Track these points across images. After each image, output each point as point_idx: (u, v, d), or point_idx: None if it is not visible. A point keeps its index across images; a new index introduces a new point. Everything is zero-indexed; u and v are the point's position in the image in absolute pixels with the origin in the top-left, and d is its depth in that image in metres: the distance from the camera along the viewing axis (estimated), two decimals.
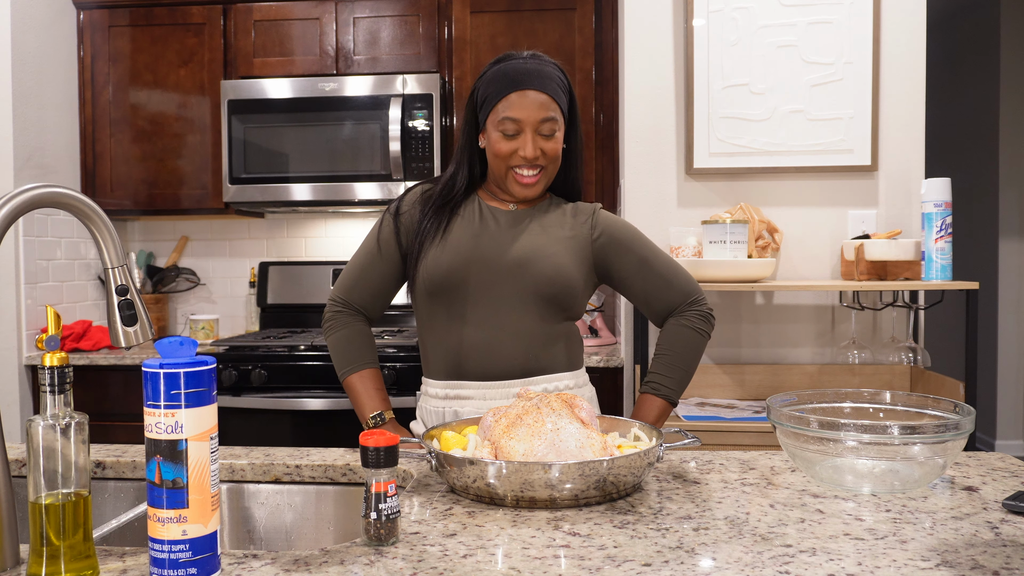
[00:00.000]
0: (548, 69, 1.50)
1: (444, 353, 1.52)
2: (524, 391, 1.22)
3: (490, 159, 1.53)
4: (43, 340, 0.83)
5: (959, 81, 5.14)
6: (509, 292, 1.49)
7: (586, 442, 1.08)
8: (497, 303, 1.49)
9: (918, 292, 2.40)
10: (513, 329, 1.49)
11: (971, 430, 1.08)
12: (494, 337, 1.49)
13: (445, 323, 1.52)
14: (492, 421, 1.15)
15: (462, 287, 1.49)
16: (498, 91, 1.48)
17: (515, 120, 1.46)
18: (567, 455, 1.05)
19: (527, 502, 1.03)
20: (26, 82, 2.86)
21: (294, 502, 1.27)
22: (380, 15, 3.00)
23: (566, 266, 1.51)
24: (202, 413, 0.80)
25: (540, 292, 1.49)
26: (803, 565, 0.84)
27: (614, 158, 2.88)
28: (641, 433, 1.22)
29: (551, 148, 1.50)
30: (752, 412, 2.24)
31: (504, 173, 1.51)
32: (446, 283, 1.49)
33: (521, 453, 1.06)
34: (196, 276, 3.38)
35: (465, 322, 1.50)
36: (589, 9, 2.91)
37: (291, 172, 2.94)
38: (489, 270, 1.49)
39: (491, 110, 1.49)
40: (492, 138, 1.50)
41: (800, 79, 2.44)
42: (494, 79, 1.50)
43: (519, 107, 1.46)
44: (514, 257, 1.50)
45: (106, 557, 0.88)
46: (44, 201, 0.90)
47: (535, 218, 1.55)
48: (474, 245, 1.51)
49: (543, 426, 1.09)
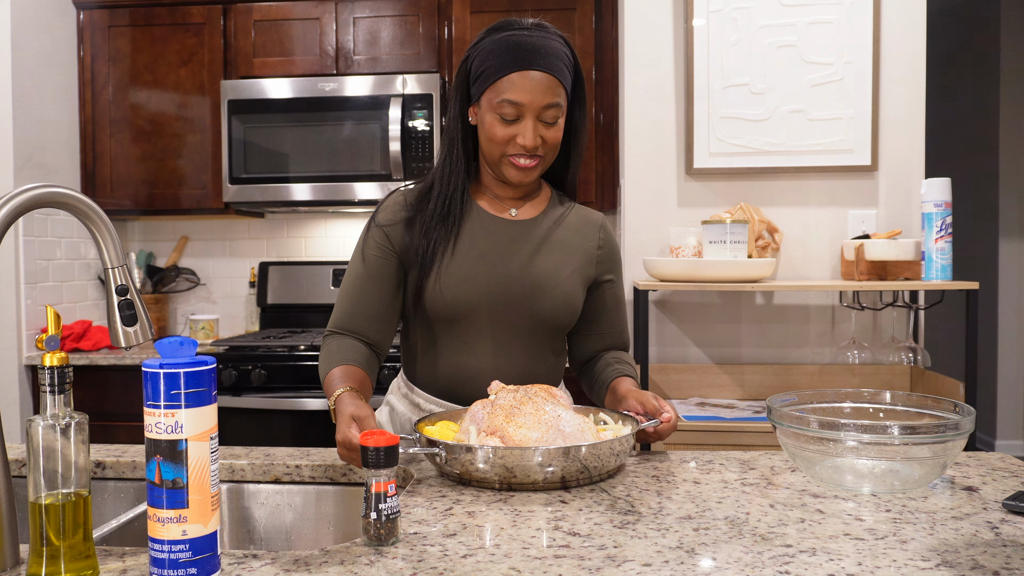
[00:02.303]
0: (555, 44, 1.34)
1: (440, 374, 1.43)
2: (497, 384, 1.25)
3: (483, 141, 1.38)
4: (43, 340, 0.83)
5: (959, 81, 5.14)
6: (517, 322, 1.40)
7: (582, 426, 1.16)
8: (504, 333, 1.40)
9: (918, 292, 2.40)
10: (521, 360, 1.42)
11: (971, 430, 1.08)
12: (499, 368, 1.40)
13: (444, 346, 1.42)
14: (486, 412, 1.18)
15: (469, 315, 1.39)
16: (498, 67, 1.32)
17: (516, 104, 1.31)
18: (571, 438, 1.14)
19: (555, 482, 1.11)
20: (26, 82, 2.86)
21: (294, 502, 1.27)
22: (380, 15, 3.00)
23: (575, 293, 1.44)
24: (202, 413, 0.79)
25: (548, 323, 1.42)
26: (803, 565, 0.84)
27: (614, 158, 2.88)
28: (607, 417, 1.30)
29: (552, 137, 1.35)
30: (752, 412, 2.24)
31: (498, 159, 1.37)
32: (451, 312, 1.38)
33: (534, 439, 1.12)
34: (196, 276, 3.38)
35: (468, 351, 1.40)
36: (589, 9, 2.91)
37: (291, 172, 2.94)
38: (497, 300, 1.39)
39: (488, 87, 1.33)
40: (487, 120, 1.35)
41: (800, 79, 2.44)
42: (495, 51, 1.33)
43: (521, 89, 1.30)
44: (525, 286, 1.39)
45: (106, 557, 0.88)
46: (44, 201, 0.90)
47: (539, 231, 1.44)
48: (482, 271, 1.39)
49: (544, 414, 1.14)
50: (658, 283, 2.20)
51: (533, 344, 1.43)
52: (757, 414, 2.21)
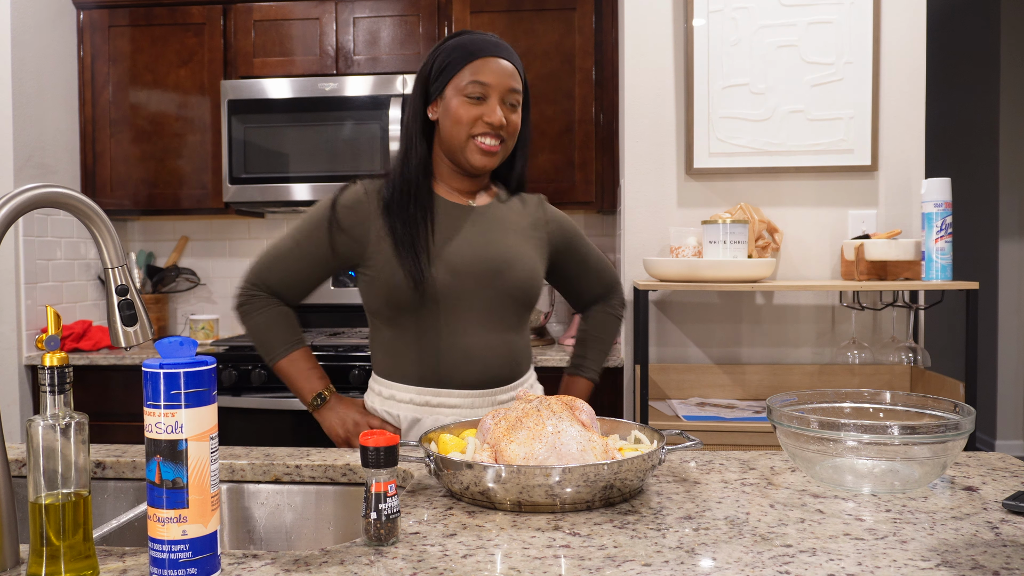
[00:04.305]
0: (511, 48, 1.47)
1: (417, 360, 1.46)
2: (523, 393, 1.20)
3: (447, 129, 1.44)
4: (43, 340, 0.83)
5: (959, 81, 5.14)
6: (488, 299, 1.45)
7: (587, 445, 1.06)
8: (476, 311, 1.45)
9: (918, 292, 2.40)
10: (495, 337, 1.47)
11: (971, 430, 1.08)
12: (474, 346, 1.45)
13: (417, 332, 1.45)
14: (492, 424, 1.13)
15: (461, 296, 1.44)
16: (463, 57, 1.42)
17: (483, 84, 1.40)
18: (568, 458, 1.03)
19: (529, 507, 1.01)
20: (26, 82, 2.86)
21: (294, 502, 1.27)
22: (380, 15, 3.00)
23: (536, 267, 1.52)
24: (202, 413, 0.79)
25: (517, 297, 1.48)
26: (803, 565, 0.84)
27: (614, 158, 2.88)
28: (641, 435, 1.20)
29: (514, 121, 1.45)
30: (752, 412, 2.24)
31: (463, 142, 1.43)
32: (447, 294, 1.43)
33: (522, 456, 1.03)
34: (196, 276, 3.38)
35: (443, 331, 1.44)
36: (589, 9, 2.91)
37: (291, 172, 2.94)
38: (482, 278, 1.45)
39: (453, 75, 1.42)
40: (453, 104, 1.42)
41: (800, 79, 2.44)
42: (458, 47, 1.43)
43: (487, 72, 1.41)
44: (490, 263, 1.45)
45: (106, 557, 0.88)
46: (44, 201, 0.90)
47: (496, 214, 1.51)
48: (466, 252, 1.45)
49: (544, 429, 1.06)
50: (658, 283, 2.20)
51: (510, 320, 1.50)
52: (757, 414, 2.21)
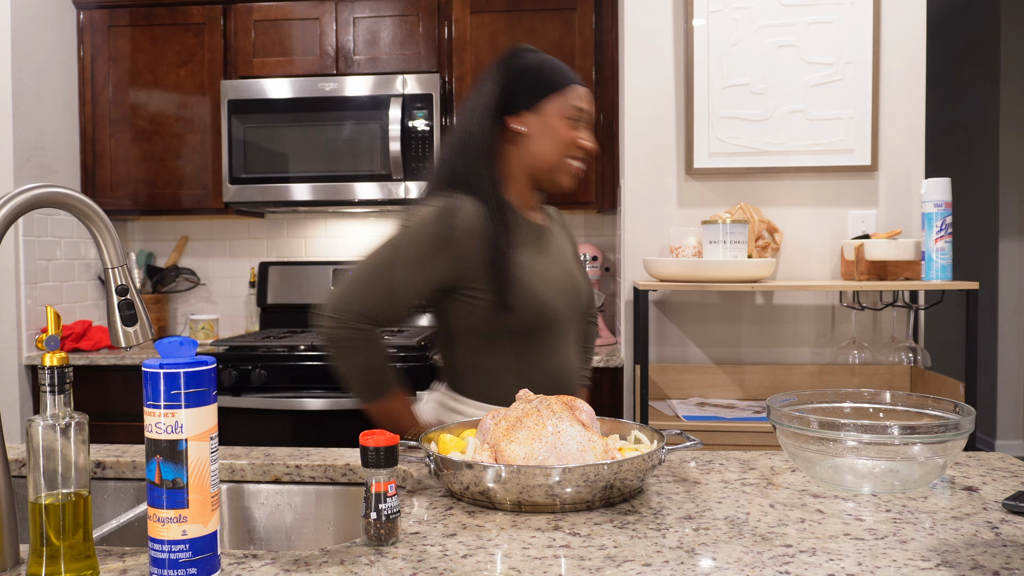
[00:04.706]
0: None
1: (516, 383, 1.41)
2: (524, 393, 1.20)
3: (540, 145, 1.43)
4: (43, 340, 0.83)
5: (959, 81, 5.14)
6: (571, 318, 1.48)
7: (587, 445, 1.05)
8: (565, 331, 1.46)
9: (918, 292, 2.40)
10: (573, 355, 1.51)
11: (971, 430, 1.08)
12: (566, 365, 1.47)
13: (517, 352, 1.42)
14: (492, 424, 1.13)
15: (556, 317, 1.43)
16: (563, 78, 1.44)
17: (581, 110, 1.45)
18: (568, 458, 1.03)
19: (529, 507, 1.01)
20: (26, 82, 2.86)
21: (294, 502, 1.27)
22: (380, 15, 3.00)
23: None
24: (202, 413, 0.79)
25: (583, 315, 1.54)
26: (803, 565, 0.84)
27: (614, 158, 2.88)
28: (641, 435, 1.20)
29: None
30: (752, 412, 2.24)
31: (557, 161, 1.44)
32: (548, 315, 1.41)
33: (522, 456, 1.03)
34: (196, 276, 3.38)
35: (542, 352, 1.43)
36: (589, 9, 2.91)
37: (291, 172, 2.94)
38: (568, 297, 1.46)
39: (552, 93, 1.43)
40: (554, 124, 1.43)
41: (800, 79, 2.44)
42: (555, 68, 1.45)
43: (585, 100, 1.46)
44: (571, 282, 1.49)
45: (106, 557, 0.88)
46: (44, 201, 0.90)
47: (554, 232, 1.55)
48: (554, 272, 1.45)
49: (544, 429, 1.06)
50: (658, 283, 2.20)
51: (575, 341, 1.53)
52: (757, 414, 2.21)
